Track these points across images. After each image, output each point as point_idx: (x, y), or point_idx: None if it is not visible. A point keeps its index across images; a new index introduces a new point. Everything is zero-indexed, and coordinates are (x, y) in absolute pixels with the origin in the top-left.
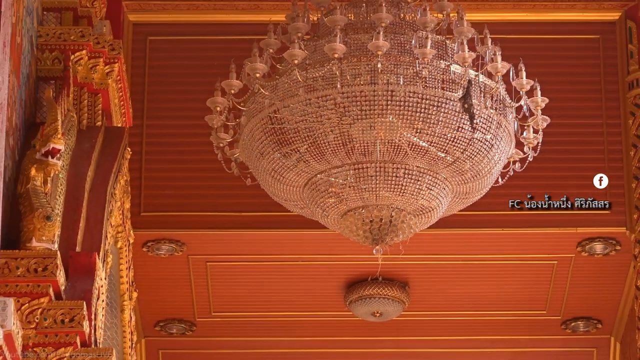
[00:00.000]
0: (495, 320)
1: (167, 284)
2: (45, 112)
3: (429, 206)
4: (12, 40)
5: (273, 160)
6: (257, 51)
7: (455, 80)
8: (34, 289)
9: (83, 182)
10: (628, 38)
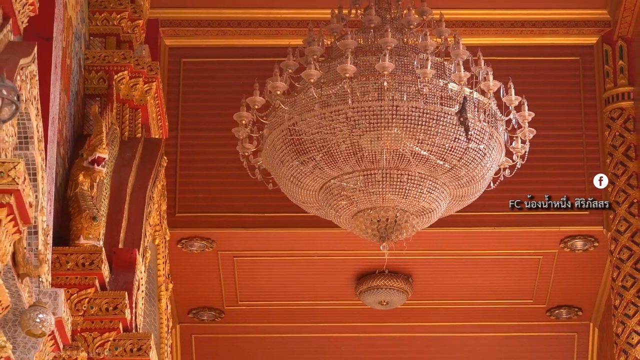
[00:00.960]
0: (488, 308)
1: (199, 276)
2: (91, 125)
3: (429, 208)
4: (63, 62)
5: (292, 167)
6: (278, 71)
7: (452, 97)
8: (81, 280)
9: (125, 187)
10: (604, 59)
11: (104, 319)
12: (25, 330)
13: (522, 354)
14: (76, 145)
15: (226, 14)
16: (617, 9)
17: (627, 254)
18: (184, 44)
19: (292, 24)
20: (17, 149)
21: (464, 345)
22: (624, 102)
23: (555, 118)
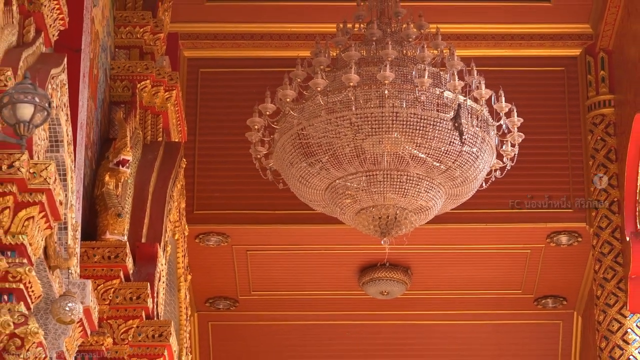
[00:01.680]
0: (480, 298)
1: (215, 268)
2: (116, 130)
3: (426, 206)
4: (90, 72)
5: (300, 169)
6: (288, 80)
7: (448, 104)
8: (107, 272)
9: (147, 187)
10: (587, 70)
11: (128, 308)
12: (55, 317)
13: (512, 340)
14: (103, 148)
15: (240, 28)
16: (599, 24)
17: (608, 248)
18: (201, 56)
19: (301, 37)
20: (49, 152)
21: (458, 331)
22: (605, 109)
23: (542, 124)
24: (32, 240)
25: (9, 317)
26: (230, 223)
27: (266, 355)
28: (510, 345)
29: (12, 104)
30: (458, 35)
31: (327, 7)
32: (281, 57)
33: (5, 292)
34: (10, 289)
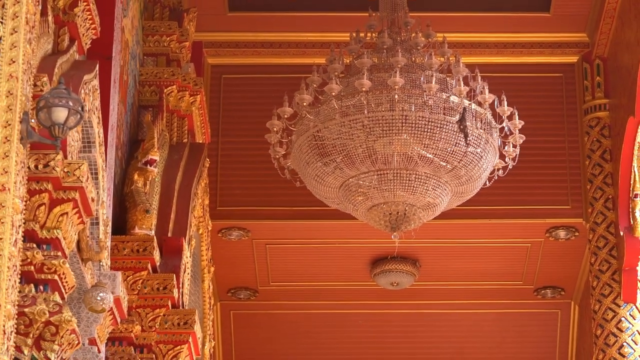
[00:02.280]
0: (484, 289)
1: (236, 261)
2: (145, 132)
3: (433, 202)
4: (120, 78)
5: (316, 168)
6: (304, 86)
7: (454, 108)
8: (136, 264)
9: (173, 185)
10: (584, 76)
11: (155, 297)
12: (88, 306)
13: (513, 328)
14: (132, 149)
15: (260, 37)
16: (595, 33)
17: (603, 242)
18: (224, 63)
19: (317, 46)
20: (82, 152)
21: (463, 319)
22: (601, 113)
23: (541, 126)
24: (66, 234)
25: (44, 306)
26: (251, 218)
27: (284, 341)
28: (512, 333)
29: (47, 108)
30: (463, 44)
31: (341, 17)
32: (298, 64)
33: (41, 283)
34: (45, 280)
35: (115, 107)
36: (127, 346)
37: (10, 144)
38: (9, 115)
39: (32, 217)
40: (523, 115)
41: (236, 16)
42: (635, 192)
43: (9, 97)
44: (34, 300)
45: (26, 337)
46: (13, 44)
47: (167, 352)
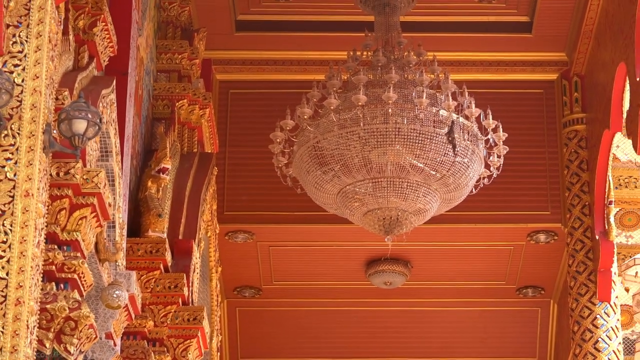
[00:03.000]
0: (470, 288)
1: (242, 261)
2: (158, 142)
3: (424, 208)
4: (136, 92)
5: (316, 176)
6: (305, 100)
7: (443, 121)
8: (149, 264)
9: (184, 191)
10: (563, 92)
11: (167, 295)
12: (105, 303)
13: (496, 324)
14: (146, 158)
15: (265, 55)
16: (573, 52)
17: (580, 245)
18: (231, 79)
19: (317, 63)
20: (100, 161)
21: (450, 316)
22: (578, 126)
23: (523, 138)
24: (84, 236)
25: (64, 302)
26: (255, 222)
27: (286, 336)
28: (495, 329)
29: (68, 120)
30: (452, 62)
31: (339, 37)
32: (299, 80)
33: (61, 281)
34: (65, 279)
35: (130, 120)
36: (140, 340)
37: (34, 153)
38: (32, 126)
39: (54, 220)
40: (507, 128)
41: (242, 36)
42: (610, 200)
43: (32, 109)
44: (55, 297)
45: (48, 331)
46: (37, 61)
47: (177, 346)
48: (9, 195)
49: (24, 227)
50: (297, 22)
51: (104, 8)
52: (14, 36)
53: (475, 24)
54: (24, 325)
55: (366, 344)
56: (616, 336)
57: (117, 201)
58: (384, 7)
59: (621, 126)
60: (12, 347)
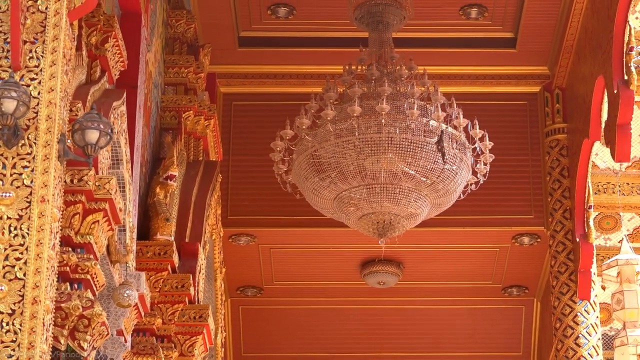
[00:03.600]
0: (458, 287)
1: (245, 263)
2: (165, 151)
3: (415, 213)
4: (145, 104)
5: (314, 183)
6: (304, 111)
7: (433, 131)
8: (158, 266)
9: (190, 197)
10: (545, 103)
11: (174, 294)
12: (116, 302)
13: (483, 321)
14: (154, 166)
15: (266, 69)
16: (555, 66)
17: (561, 247)
18: (234, 91)
19: (314, 77)
20: (111, 168)
21: (440, 314)
22: (560, 135)
23: (508, 147)
24: (97, 239)
25: (78, 301)
26: (257, 226)
27: (286, 332)
28: (482, 326)
29: (81, 130)
30: (441, 75)
31: (336, 52)
32: (298, 93)
33: (75, 282)
34: (79, 279)
35: (140, 130)
36: (149, 336)
37: (49, 161)
38: (48, 136)
39: (68, 224)
40: (492, 137)
41: (245, 51)
42: (589, 204)
43: (48, 120)
44: (69, 296)
45: (62, 328)
46: (52, 75)
47: (184, 342)
48: (26, 201)
49: (40, 230)
50: (295, 39)
51: (115, 25)
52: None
53: (463, 39)
54: (40, 322)
55: (361, 340)
56: (595, 332)
57: (128, 206)
58: (378, 24)
59: (600, 135)
60: (29, 343)
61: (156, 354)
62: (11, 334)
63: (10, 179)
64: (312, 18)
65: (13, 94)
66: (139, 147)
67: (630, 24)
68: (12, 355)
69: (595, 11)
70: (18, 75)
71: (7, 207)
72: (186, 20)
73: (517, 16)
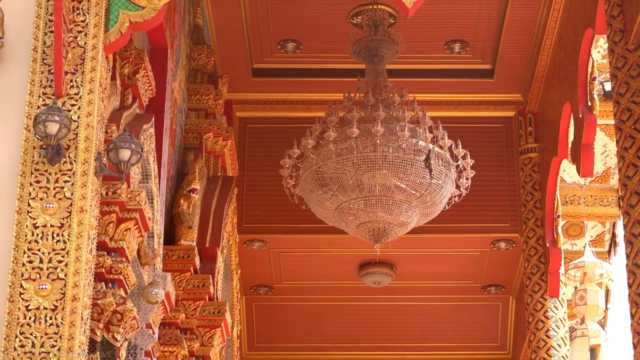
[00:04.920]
0: (444, 286)
1: (257, 265)
2: (188, 168)
3: (406, 221)
4: (171, 127)
5: (318, 195)
6: (309, 133)
7: (421, 150)
8: (182, 267)
9: (210, 207)
10: (519, 126)
11: (196, 292)
12: (145, 299)
13: (465, 316)
14: (179, 180)
15: (276, 96)
16: (527, 94)
17: (534, 251)
18: (249, 116)
19: (318, 103)
20: (141, 183)
21: (428, 309)
22: (532, 154)
23: (487, 164)
24: (129, 244)
25: (112, 299)
26: (269, 233)
27: (293, 325)
28: (465, 320)
29: (115, 149)
30: (428, 102)
31: (337, 81)
32: (304, 117)
33: (110, 281)
34: (113, 279)
35: (166, 149)
36: (174, 329)
37: (87, 177)
38: (86, 154)
39: (104, 231)
40: (473, 155)
41: (258, 81)
42: (558, 214)
43: (86, 141)
44: (104, 294)
45: (98, 322)
46: (90, 101)
47: (205, 334)
48: (67, 211)
49: (79, 237)
50: (302, 70)
51: (145, 58)
52: (72, 81)
53: (447, 70)
54: (79, 317)
55: (358, 332)
56: (563, 326)
57: (155, 215)
58: (373, 58)
59: (567, 154)
60: (69, 335)
61: (180, 345)
62: (54, 327)
63: (53, 192)
64: (316, 52)
65: (56, 118)
66: (166, 164)
67: (593, 57)
68: (54, 345)
69: (562, 46)
70: (60, 102)
71: (51, 217)
72: (206, 54)
73: (495, 50)
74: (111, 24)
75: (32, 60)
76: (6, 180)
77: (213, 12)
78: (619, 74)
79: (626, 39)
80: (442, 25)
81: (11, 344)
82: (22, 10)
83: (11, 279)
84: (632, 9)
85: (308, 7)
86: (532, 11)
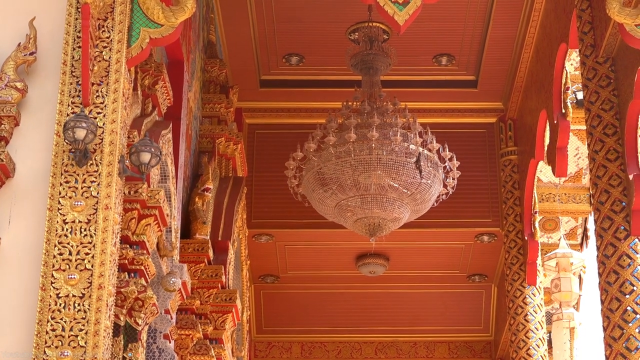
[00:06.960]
0: (432, 275)
1: (265, 256)
2: (203, 169)
3: (398, 217)
4: (187, 132)
5: (319, 194)
6: (311, 138)
7: (412, 153)
8: (197, 259)
9: (222, 205)
10: (500, 131)
11: (209, 281)
12: (164, 287)
13: (451, 303)
14: (194, 181)
15: (282, 105)
16: (507, 102)
17: (513, 244)
18: (257, 122)
19: (319, 111)
20: (160, 183)
21: (418, 297)
22: (512, 156)
23: (471, 165)
24: (149, 238)
25: (134, 287)
26: (275, 228)
27: (297, 311)
28: (451, 306)
29: (137, 152)
30: (418, 110)
31: (336, 91)
32: (307, 123)
33: (132, 271)
34: (135, 269)
35: (182, 152)
36: (190, 314)
37: (112, 177)
38: (111, 157)
39: (126, 226)
40: (459, 157)
41: (265, 91)
42: (535, 210)
43: (110, 145)
44: (127, 283)
45: (122, 308)
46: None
47: (217, 319)
48: (93, 208)
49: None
50: (304, 81)
51: (164, 71)
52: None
53: (436, 81)
54: (104, 304)
55: (356, 317)
56: (540, 311)
57: (173, 212)
58: (369, 70)
59: (543, 156)
60: (95, 320)
61: (195, 328)
62: (82, 313)
63: (81, 191)
64: (317, 65)
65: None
66: (182, 165)
67: (567, 69)
68: (82, 329)
69: (539, 59)
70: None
71: (79, 213)
72: (219, 67)
73: (478, 63)
74: (133, 40)
75: (62, 72)
76: (39, 181)
77: (225, 29)
78: (589, 84)
79: (596, 53)
80: (431, 40)
81: (43, 327)
82: (53, 28)
83: (43, 269)
84: (602, 26)
85: (310, 25)
86: (512, 28)
